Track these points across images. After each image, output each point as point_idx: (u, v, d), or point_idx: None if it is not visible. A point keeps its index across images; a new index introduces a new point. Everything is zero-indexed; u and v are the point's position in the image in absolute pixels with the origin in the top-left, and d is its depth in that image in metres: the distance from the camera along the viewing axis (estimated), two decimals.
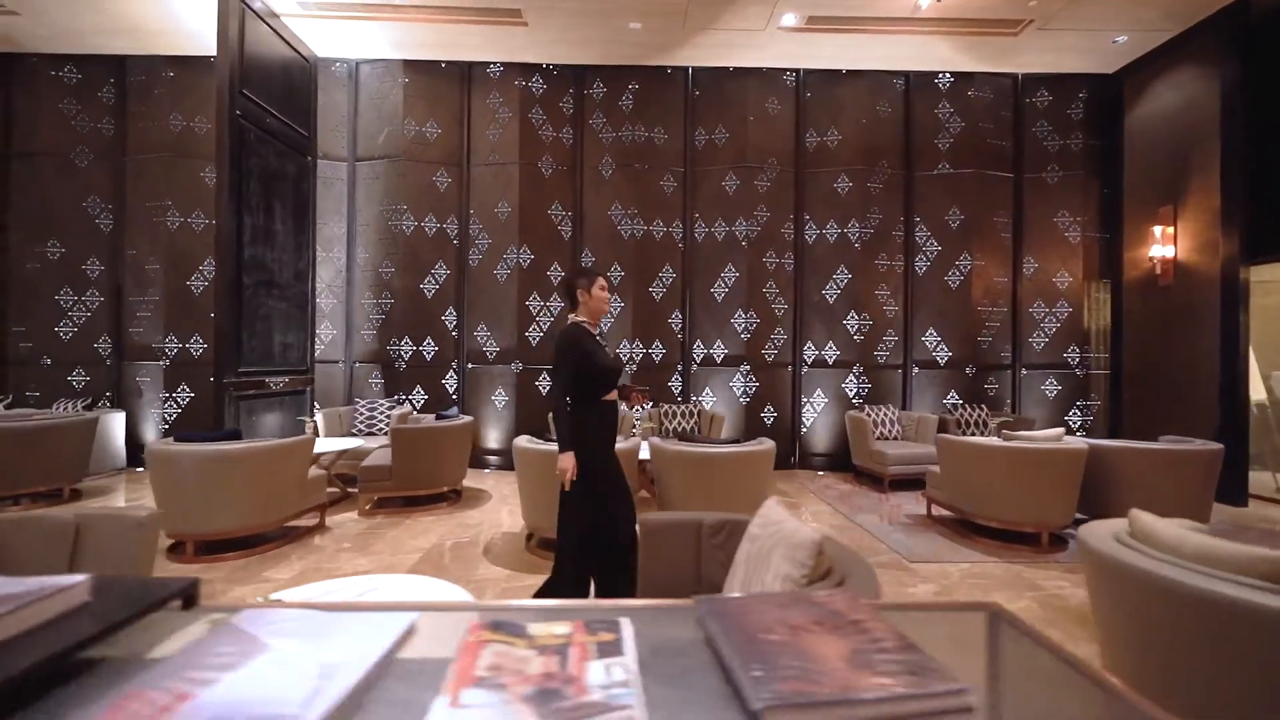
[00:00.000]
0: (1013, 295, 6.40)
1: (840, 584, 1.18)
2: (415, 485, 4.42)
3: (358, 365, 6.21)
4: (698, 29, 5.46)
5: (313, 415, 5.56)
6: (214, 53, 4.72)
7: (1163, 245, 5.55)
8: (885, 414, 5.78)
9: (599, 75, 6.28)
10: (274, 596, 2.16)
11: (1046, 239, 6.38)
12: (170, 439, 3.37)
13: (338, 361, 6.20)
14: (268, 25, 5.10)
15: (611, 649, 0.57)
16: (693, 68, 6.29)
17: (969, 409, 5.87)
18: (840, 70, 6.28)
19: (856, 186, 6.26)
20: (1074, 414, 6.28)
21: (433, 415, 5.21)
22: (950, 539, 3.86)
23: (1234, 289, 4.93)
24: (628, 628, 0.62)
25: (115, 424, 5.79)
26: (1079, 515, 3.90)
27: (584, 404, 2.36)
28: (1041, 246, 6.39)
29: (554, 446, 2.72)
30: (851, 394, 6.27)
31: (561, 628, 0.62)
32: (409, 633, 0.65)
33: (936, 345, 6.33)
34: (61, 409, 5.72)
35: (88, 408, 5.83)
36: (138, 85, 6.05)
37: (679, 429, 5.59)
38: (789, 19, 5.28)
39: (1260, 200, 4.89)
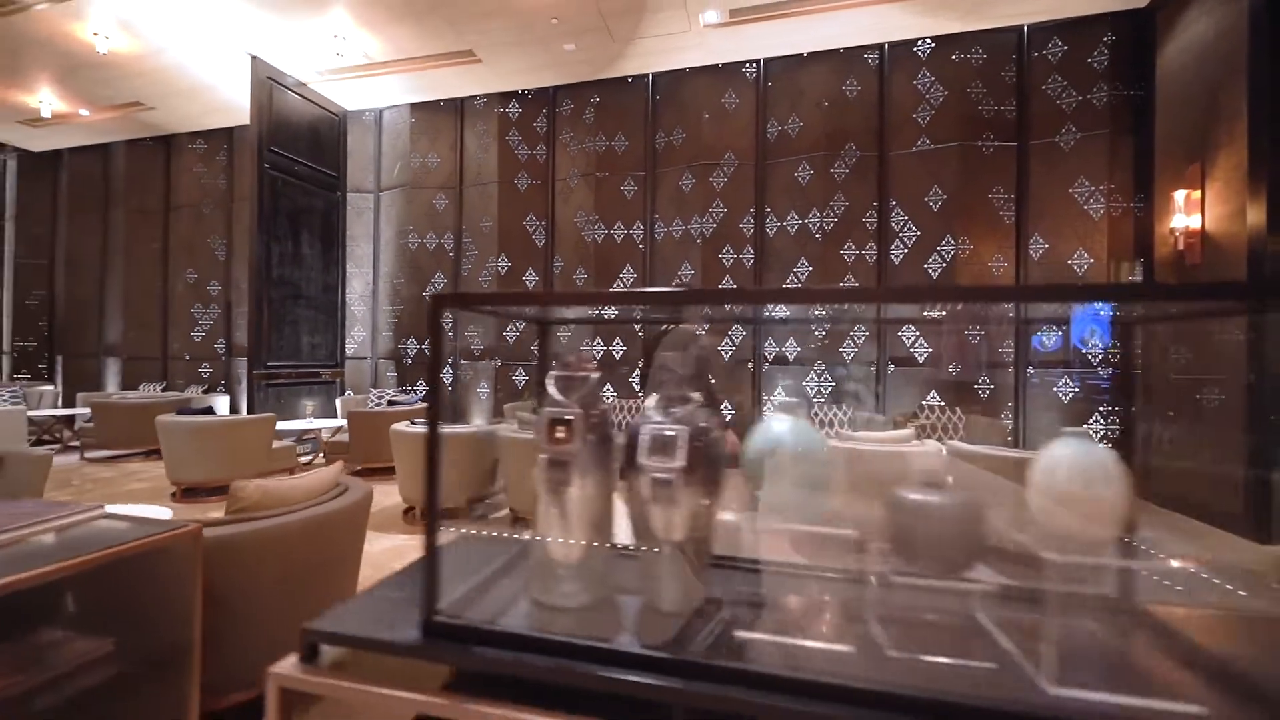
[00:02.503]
0: (1016, 281, 5.54)
1: None
2: (369, 459, 5.35)
3: (380, 361, 7.48)
4: (627, 40, 5.69)
5: (336, 400, 6.87)
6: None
7: (1186, 215, 4.45)
8: (843, 415, 5.45)
9: (568, 94, 6.78)
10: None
11: (1060, 214, 5.42)
12: (173, 413, 4.66)
13: (366, 358, 7.52)
14: (295, 93, 6.49)
15: None
16: (653, 74, 6.49)
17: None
18: (802, 54, 6.01)
19: (818, 174, 5.94)
20: (1096, 419, 5.25)
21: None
22: None
23: (1263, 266, 3.84)
24: None
25: (221, 405, 7.74)
26: None
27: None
28: (1053, 223, 5.44)
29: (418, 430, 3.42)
30: (813, 392, 5.95)
31: None
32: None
33: (914, 340, 5.74)
34: (191, 392, 7.81)
35: (205, 393, 7.86)
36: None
37: None
38: (711, 16, 5.28)
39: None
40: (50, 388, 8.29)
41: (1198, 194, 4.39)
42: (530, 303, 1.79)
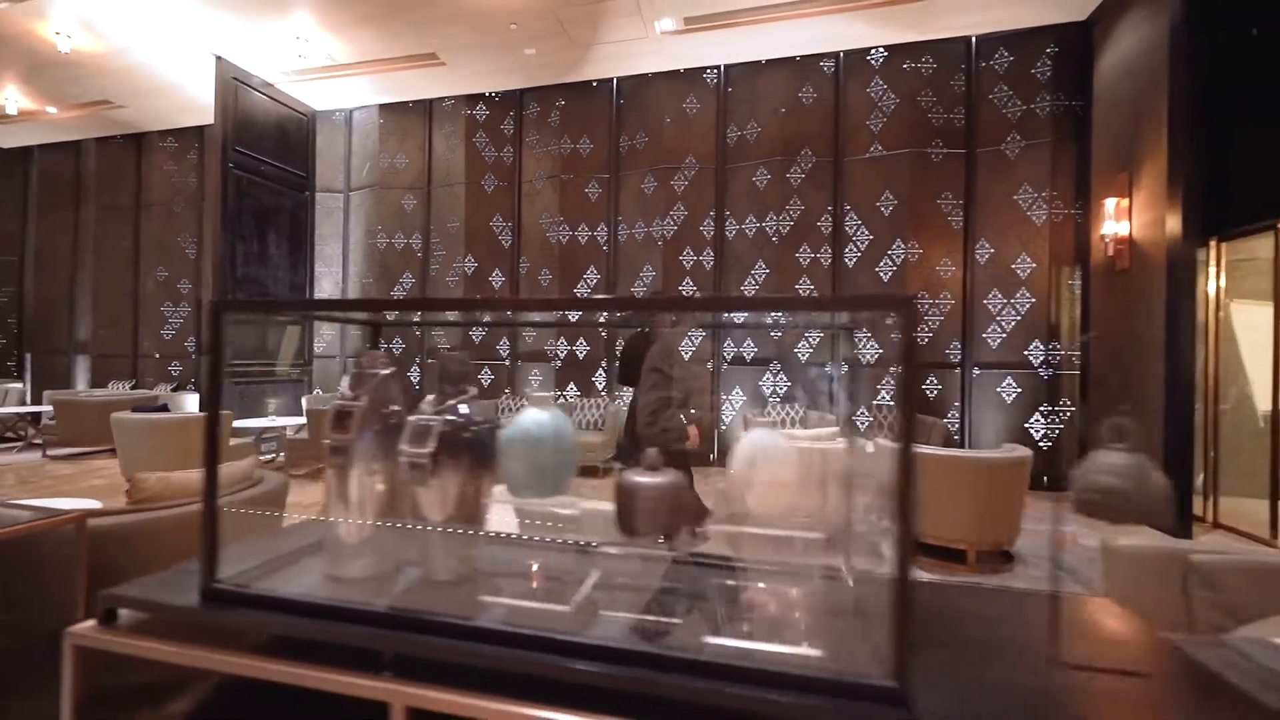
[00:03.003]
0: (963, 285, 5.71)
1: None
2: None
3: (349, 360, 7.54)
4: (587, 45, 5.80)
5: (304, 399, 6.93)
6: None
7: (1116, 222, 4.62)
8: (794, 414, 5.59)
9: (534, 97, 6.88)
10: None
11: (1005, 220, 5.59)
12: (129, 411, 4.72)
13: (334, 357, 7.58)
14: (262, 94, 6.54)
15: None
16: (618, 78, 6.60)
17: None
18: (761, 61, 6.14)
19: (775, 178, 6.07)
20: (1036, 420, 5.42)
21: None
22: None
23: (1179, 272, 4.01)
24: None
25: (190, 404, 7.76)
26: None
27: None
28: (999, 229, 5.61)
29: None
30: (769, 392, 6.09)
31: None
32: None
33: (865, 341, 5.87)
34: (161, 390, 7.83)
35: (175, 390, 7.88)
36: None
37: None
38: (667, 24, 5.40)
39: (1216, 162, 3.93)
40: (19, 385, 8.29)
41: (1126, 202, 4.56)
42: (309, 309, 1.90)
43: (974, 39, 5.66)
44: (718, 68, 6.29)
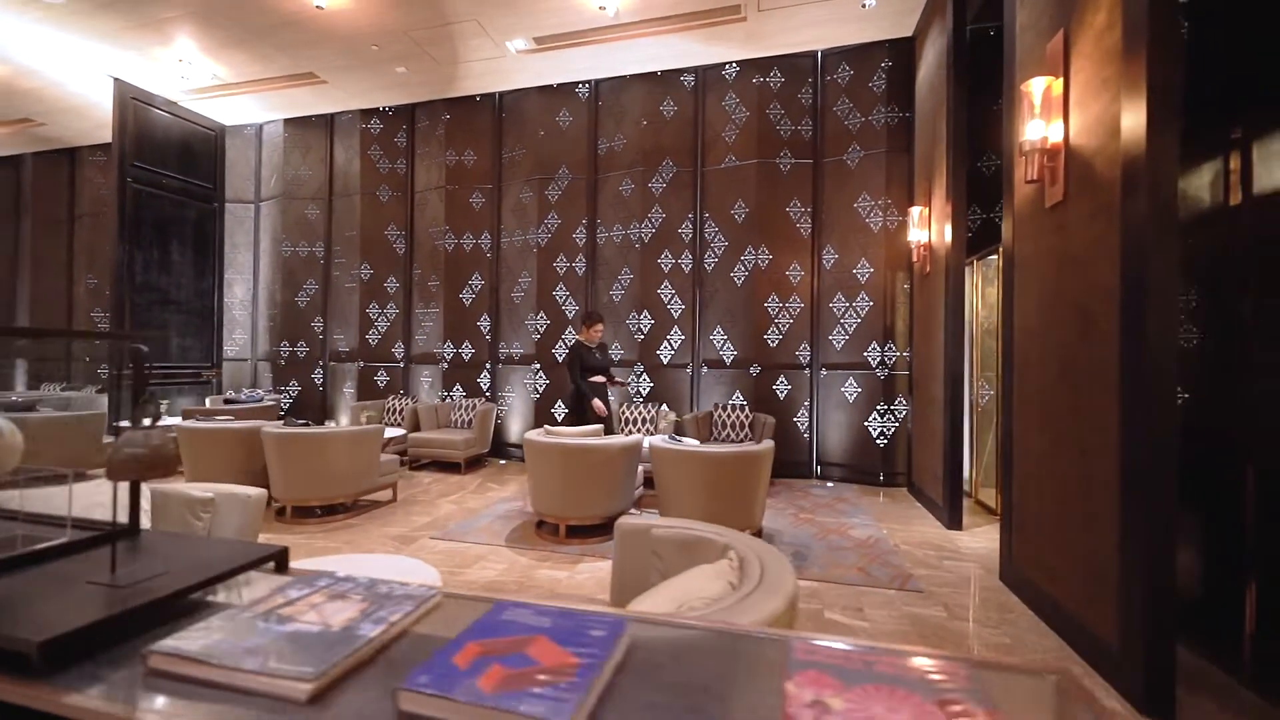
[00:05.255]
0: (812, 290, 5.96)
1: None
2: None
3: (259, 363, 7.90)
4: (452, 63, 6.12)
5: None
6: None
7: (919, 229, 4.86)
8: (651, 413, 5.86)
9: (424, 111, 7.21)
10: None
11: (847, 227, 5.84)
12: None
13: (246, 359, 7.95)
14: (165, 111, 6.92)
15: None
16: (500, 93, 6.91)
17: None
18: (626, 75, 6.43)
19: (639, 187, 6.35)
20: (874, 419, 5.65)
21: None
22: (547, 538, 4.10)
23: (952, 279, 4.25)
24: None
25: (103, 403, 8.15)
26: (635, 511, 3.92)
27: (586, 381, 4.70)
28: (842, 235, 5.86)
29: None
30: (633, 392, 6.35)
31: None
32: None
33: (723, 344, 6.14)
34: (87, 391, 8.22)
35: (99, 392, 8.28)
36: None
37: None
38: (519, 43, 5.70)
39: (976, 181, 4.16)
40: None
41: (927, 211, 4.80)
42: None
43: (820, 53, 5.92)
44: (589, 82, 6.59)
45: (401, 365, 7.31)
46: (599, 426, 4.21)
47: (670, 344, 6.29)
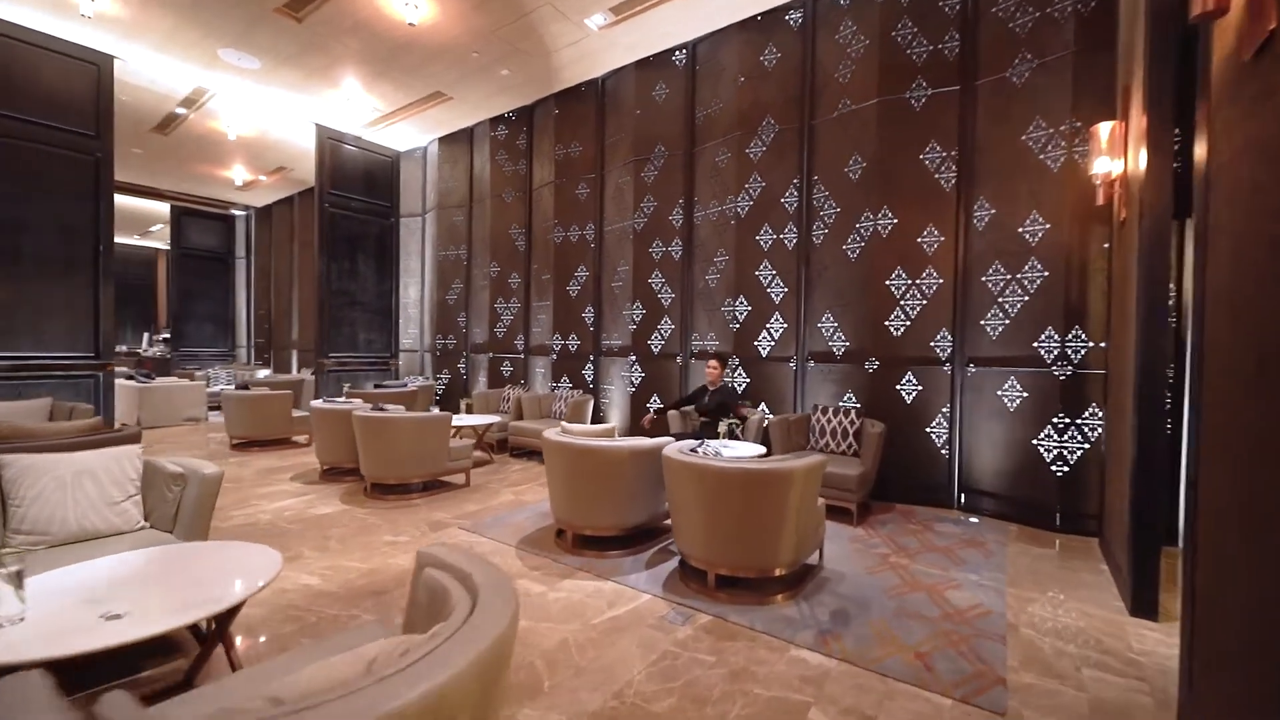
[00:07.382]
0: (955, 259, 4.51)
1: None
2: None
3: (426, 354, 9.14)
4: (546, 54, 6.09)
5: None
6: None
7: (1111, 156, 3.20)
8: None
9: (541, 109, 7.42)
10: None
11: (1010, 168, 4.26)
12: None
13: (417, 350, 9.27)
14: (350, 146, 8.38)
15: None
16: (601, 77, 6.73)
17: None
18: (722, 28, 5.66)
19: (734, 156, 5.56)
20: (1048, 435, 4.03)
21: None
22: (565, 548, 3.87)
23: (1154, 225, 2.68)
24: None
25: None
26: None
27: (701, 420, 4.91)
28: (1002, 182, 4.30)
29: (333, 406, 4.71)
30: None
31: None
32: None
33: (833, 333, 5.05)
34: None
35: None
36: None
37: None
38: (598, 19, 5.41)
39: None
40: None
41: (1123, 127, 3.16)
42: None
43: None
44: (684, 47, 5.98)
45: (522, 356, 7.70)
46: (613, 426, 3.73)
47: (770, 334, 5.40)
